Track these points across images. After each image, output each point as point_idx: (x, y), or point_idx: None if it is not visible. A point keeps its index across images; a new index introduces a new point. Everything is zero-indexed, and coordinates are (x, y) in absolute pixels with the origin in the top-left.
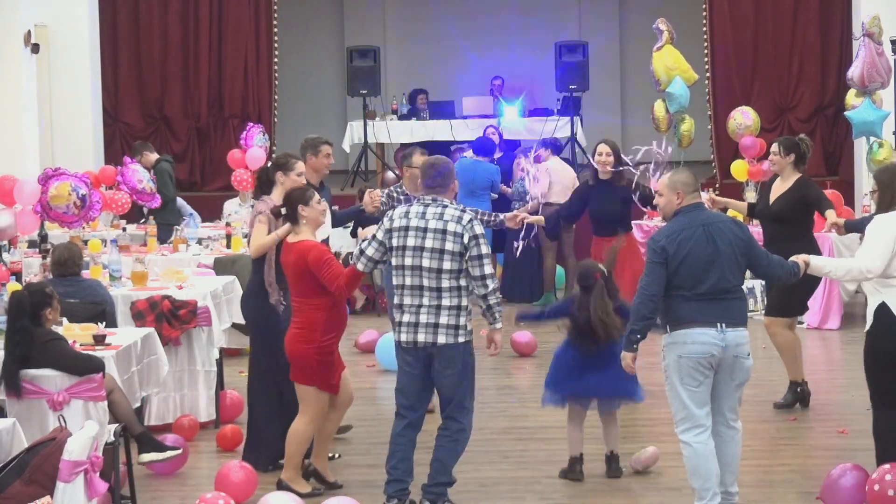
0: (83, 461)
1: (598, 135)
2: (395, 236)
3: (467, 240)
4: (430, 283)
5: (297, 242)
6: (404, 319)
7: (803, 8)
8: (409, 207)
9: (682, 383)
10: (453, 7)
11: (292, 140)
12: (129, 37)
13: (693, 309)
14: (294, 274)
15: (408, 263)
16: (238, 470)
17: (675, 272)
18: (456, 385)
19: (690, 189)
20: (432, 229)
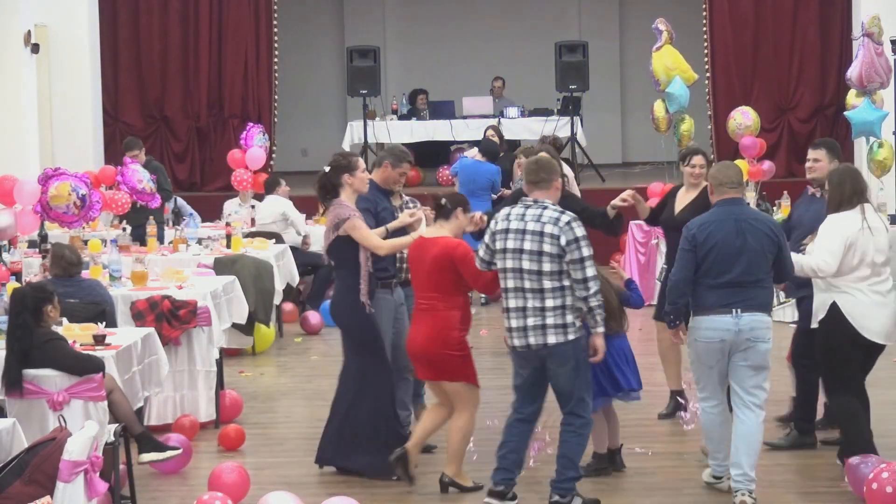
0: (83, 461)
1: (598, 135)
2: (498, 239)
3: (565, 242)
4: (531, 284)
5: (439, 238)
6: (512, 325)
7: (803, 8)
8: (511, 209)
9: (700, 362)
10: (453, 7)
11: (292, 140)
12: (129, 37)
13: (714, 297)
14: (434, 269)
15: (509, 266)
16: (232, 471)
17: (702, 260)
18: (572, 381)
19: (717, 182)
20: (530, 231)
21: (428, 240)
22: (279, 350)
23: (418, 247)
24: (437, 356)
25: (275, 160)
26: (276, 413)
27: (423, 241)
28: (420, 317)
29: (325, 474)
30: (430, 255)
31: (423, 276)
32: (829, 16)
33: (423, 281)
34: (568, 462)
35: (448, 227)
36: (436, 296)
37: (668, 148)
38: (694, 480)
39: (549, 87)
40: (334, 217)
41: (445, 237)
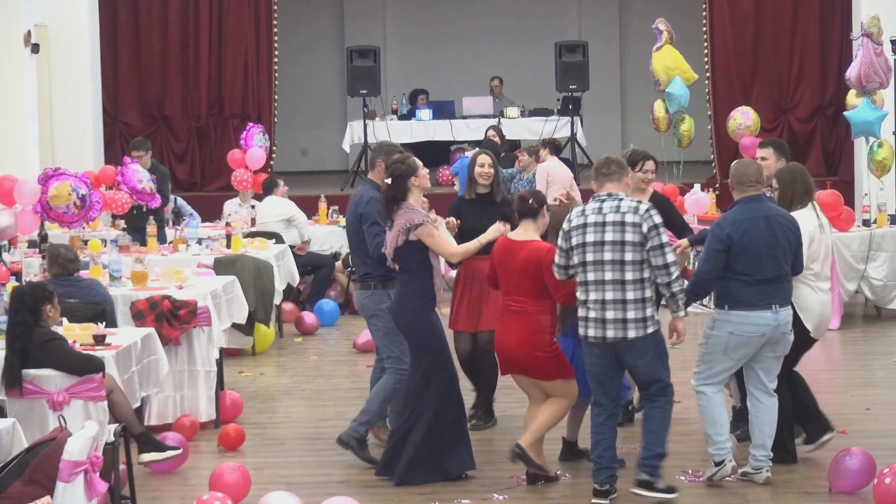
0: (83, 461)
1: (598, 135)
2: (574, 235)
3: (646, 229)
4: (613, 276)
5: (527, 241)
6: (590, 315)
7: (803, 8)
8: (584, 206)
9: (725, 353)
10: (453, 7)
11: (292, 140)
12: (129, 37)
13: (753, 293)
14: (521, 273)
15: (589, 259)
16: (233, 471)
17: (736, 258)
18: (652, 370)
19: (738, 181)
20: (611, 222)
21: (515, 242)
22: (279, 350)
23: (505, 248)
24: (528, 358)
25: (275, 160)
26: (276, 413)
27: (510, 243)
28: (509, 318)
29: (325, 474)
30: (518, 259)
31: (513, 279)
32: (829, 16)
33: (513, 284)
34: (654, 438)
35: (534, 227)
36: (526, 300)
37: (668, 148)
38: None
39: (549, 87)
40: (406, 222)
41: (534, 241)
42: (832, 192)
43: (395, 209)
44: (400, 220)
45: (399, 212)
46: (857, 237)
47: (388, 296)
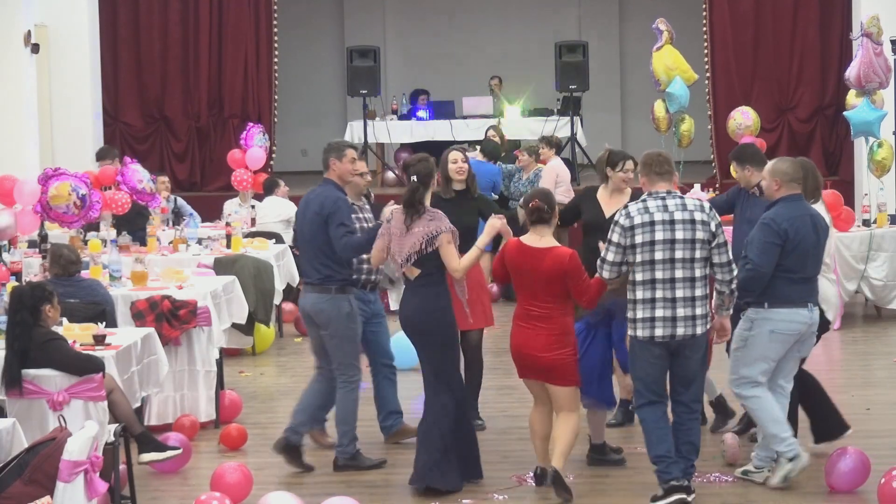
0: (83, 461)
1: (598, 135)
2: (639, 233)
3: (714, 227)
4: (683, 273)
5: (549, 248)
6: (657, 314)
7: (803, 8)
8: (644, 203)
9: (765, 353)
10: (453, 7)
11: (292, 140)
12: (129, 37)
13: (796, 291)
14: (546, 279)
15: (658, 258)
16: (234, 471)
17: (787, 255)
18: (700, 367)
19: (788, 178)
20: (679, 220)
21: (535, 249)
22: (279, 350)
23: (522, 253)
24: (556, 362)
25: (275, 160)
26: (276, 413)
27: (528, 250)
28: (531, 323)
29: (325, 474)
30: (544, 266)
31: (537, 285)
32: (829, 16)
33: (539, 290)
34: (693, 448)
35: (550, 232)
36: (552, 305)
37: (668, 148)
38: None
39: (549, 87)
40: (434, 229)
41: (555, 247)
42: (832, 192)
43: (418, 212)
44: (423, 226)
45: (425, 216)
46: (857, 237)
47: (347, 301)
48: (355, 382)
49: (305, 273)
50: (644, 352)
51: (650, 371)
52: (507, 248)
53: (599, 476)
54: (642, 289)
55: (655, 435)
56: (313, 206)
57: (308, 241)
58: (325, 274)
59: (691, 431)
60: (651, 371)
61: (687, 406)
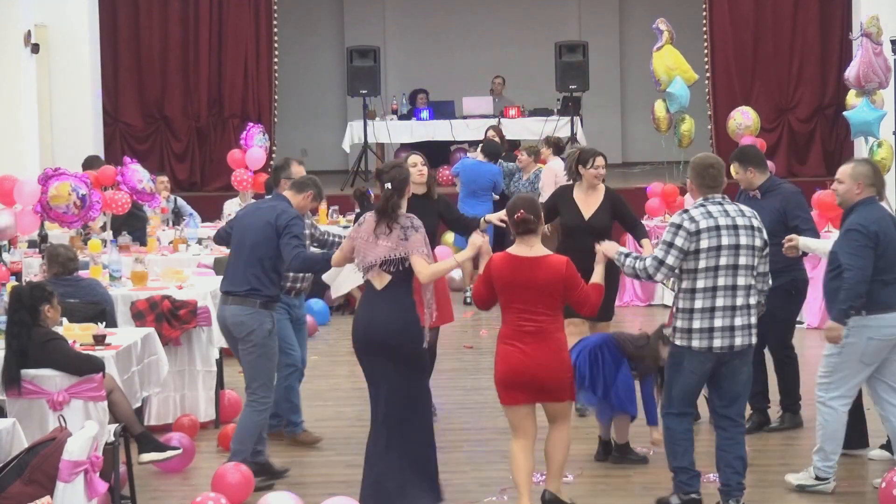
0: (83, 461)
1: (598, 135)
2: (705, 237)
3: (766, 235)
4: (744, 281)
5: (542, 257)
6: (716, 325)
7: (803, 8)
8: (705, 207)
9: (862, 361)
10: (453, 7)
11: (292, 140)
12: (129, 37)
13: (889, 294)
14: (542, 290)
15: (722, 263)
16: (234, 471)
17: (879, 258)
18: (747, 380)
19: (869, 182)
20: (742, 226)
21: (526, 259)
22: None
23: (513, 266)
24: (553, 380)
25: (275, 160)
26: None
27: (518, 261)
28: (525, 341)
29: (325, 474)
30: (539, 277)
31: (531, 297)
32: (829, 16)
33: (532, 303)
34: (744, 463)
35: (538, 241)
36: (545, 318)
37: (668, 148)
38: None
39: (549, 87)
40: (404, 251)
41: (548, 255)
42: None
43: (392, 220)
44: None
45: (397, 230)
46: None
47: (271, 317)
48: (266, 405)
49: (230, 281)
50: (693, 362)
51: (691, 382)
52: (493, 263)
53: (599, 476)
54: (702, 297)
55: (682, 446)
56: (265, 216)
57: (247, 248)
58: (253, 286)
59: (740, 445)
60: (692, 383)
61: (734, 420)
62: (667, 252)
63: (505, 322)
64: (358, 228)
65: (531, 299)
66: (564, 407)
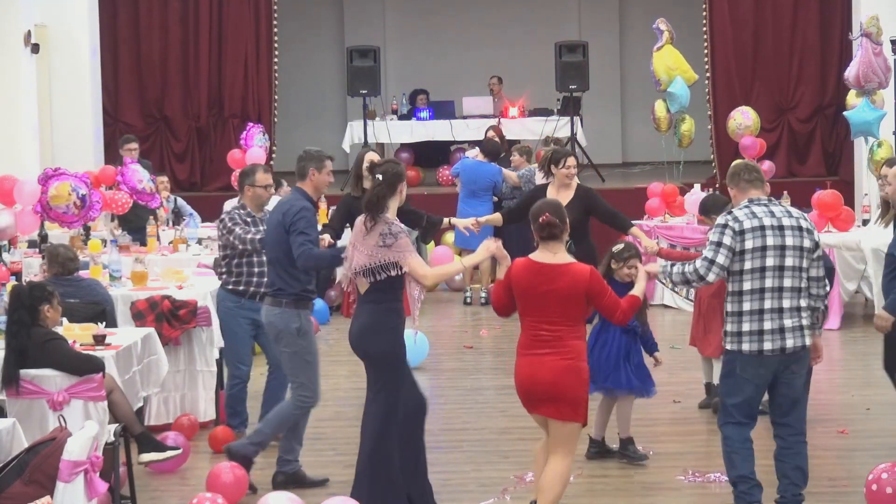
0: (83, 461)
1: (598, 135)
2: (749, 237)
3: (816, 237)
4: (792, 283)
5: (566, 264)
6: (766, 327)
7: (803, 8)
8: (749, 208)
9: None
10: (453, 7)
11: (292, 140)
12: (129, 37)
13: None
14: (562, 299)
15: (769, 264)
16: (229, 471)
17: None
18: (803, 384)
19: None
20: (788, 226)
21: (548, 266)
22: None
23: (535, 273)
24: (566, 392)
25: (275, 160)
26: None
27: (540, 268)
28: (541, 349)
29: (325, 474)
30: (561, 285)
31: (552, 306)
32: (828, 16)
33: (552, 312)
34: (802, 475)
35: (562, 248)
36: (563, 328)
37: (668, 148)
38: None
39: (549, 87)
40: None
41: (572, 263)
42: (832, 192)
43: (378, 213)
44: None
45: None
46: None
47: (299, 316)
48: (306, 405)
49: (268, 281)
50: (747, 368)
51: (747, 390)
52: (514, 269)
53: (598, 476)
54: (750, 299)
55: (741, 455)
56: (277, 215)
57: (270, 248)
58: (278, 286)
59: (800, 455)
60: (748, 390)
61: (793, 428)
62: (716, 251)
63: (523, 329)
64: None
65: (550, 308)
66: (570, 431)
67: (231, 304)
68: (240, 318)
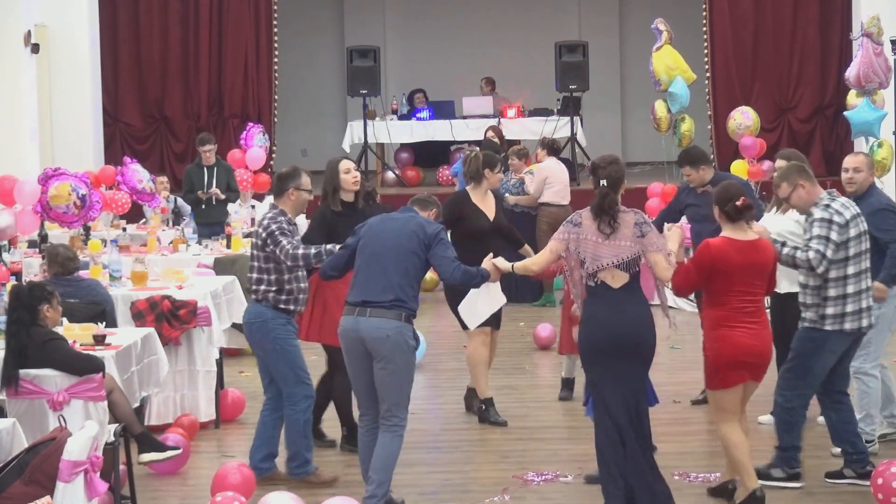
0: (83, 461)
1: (598, 135)
2: (853, 226)
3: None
4: (868, 265)
5: (758, 240)
6: (863, 305)
7: (803, 8)
8: (837, 200)
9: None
10: (453, 7)
11: (292, 140)
12: (129, 37)
13: None
14: (762, 271)
15: (863, 248)
16: (236, 472)
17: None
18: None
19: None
20: (859, 214)
21: (746, 242)
22: None
23: (736, 249)
24: (769, 358)
25: (275, 160)
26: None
27: (740, 244)
28: (748, 320)
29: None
30: (761, 259)
31: (754, 278)
32: (829, 16)
33: (753, 283)
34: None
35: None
36: (760, 299)
37: (668, 148)
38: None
39: (549, 87)
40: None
41: (759, 238)
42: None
43: (613, 216)
44: (636, 244)
45: (632, 218)
46: None
47: (413, 332)
48: (403, 429)
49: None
50: (838, 344)
51: (830, 362)
52: (716, 247)
53: None
54: (854, 282)
55: (798, 424)
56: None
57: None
58: (401, 298)
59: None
60: (830, 362)
61: (847, 394)
62: (826, 246)
63: (720, 304)
64: (572, 228)
65: (754, 280)
66: (755, 389)
67: (283, 322)
68: (292, 338)
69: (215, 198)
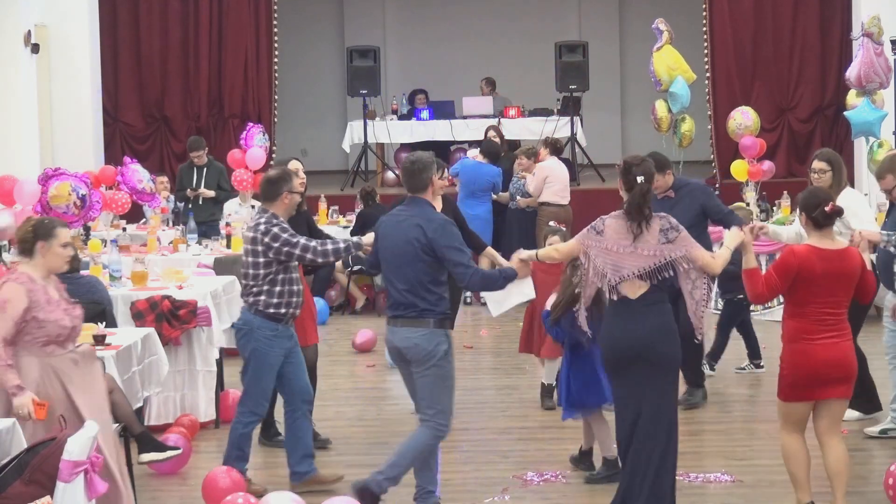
0: (83, 461)
1: (598, 135)
2: None
3: None
4: None
5: (845, 248)
6: None
7: (803, 8)
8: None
9: None
10: (453, 7)
11: (292, 140)
12: (129, 37)
13: None
14: (850, 281)
15: None
16: (225, 476)
17: None
18: None
19: None
20: None
21: (833, 251)
22: None
23: (822, 258)
24: (855, 372)
25: (275, 160)
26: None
27: (826, 253)
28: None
29: None
30: (848, 268)
31: (839, 288)
32: (829, 16)
33: (838, 294)
34: None
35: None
36: (843, 310)
37: (668, 148)
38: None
39: (549, 87)
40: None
41: (847, 247)
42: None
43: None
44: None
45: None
46: None
47: (447, 336)
48: (444, 434)
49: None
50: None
51: None
52: (799, 257)
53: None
54: None
55: None
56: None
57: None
58: (422, 307)
59: None
60: None
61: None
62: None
63: (800, 315)
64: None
65: (838, 290)
66: (845, 406)
67: (269, 332)
68: (277, 349)
69: (202, 197)
